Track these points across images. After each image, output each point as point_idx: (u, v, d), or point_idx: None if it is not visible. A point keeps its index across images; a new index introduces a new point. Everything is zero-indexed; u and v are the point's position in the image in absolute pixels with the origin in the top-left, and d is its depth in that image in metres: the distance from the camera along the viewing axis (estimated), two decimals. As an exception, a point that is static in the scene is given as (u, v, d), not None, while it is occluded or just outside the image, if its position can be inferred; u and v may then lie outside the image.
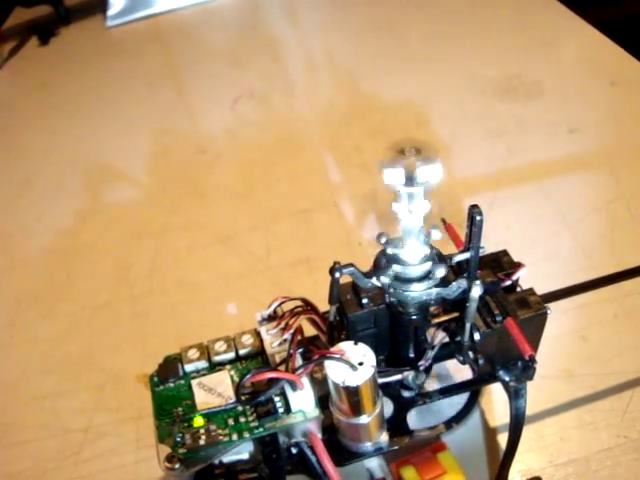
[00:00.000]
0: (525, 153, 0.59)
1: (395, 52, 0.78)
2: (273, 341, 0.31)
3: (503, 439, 0.37)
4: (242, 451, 0.32)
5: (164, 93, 0.78)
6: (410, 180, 0.24)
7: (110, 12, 0.95)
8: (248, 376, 0.28)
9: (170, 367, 0.32)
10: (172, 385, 0.32)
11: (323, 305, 0.32)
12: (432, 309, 0.32)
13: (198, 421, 0.30)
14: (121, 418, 0.42)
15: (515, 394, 0.32)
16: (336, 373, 0.27)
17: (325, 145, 0.65)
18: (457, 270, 0.30)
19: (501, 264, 0.32)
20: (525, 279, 0.32)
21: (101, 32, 0.95)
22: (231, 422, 0.30)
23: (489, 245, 0.30)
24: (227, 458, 0.32)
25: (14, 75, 0.89)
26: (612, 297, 0.44)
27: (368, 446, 0.31)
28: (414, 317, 0.30)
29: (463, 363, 0.31)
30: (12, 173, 0.69)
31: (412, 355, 0.32)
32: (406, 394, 0.32)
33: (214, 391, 0.31)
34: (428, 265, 0.28)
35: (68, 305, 0.51)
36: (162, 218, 0.58)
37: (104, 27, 0.95)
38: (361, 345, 0.28)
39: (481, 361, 0.31)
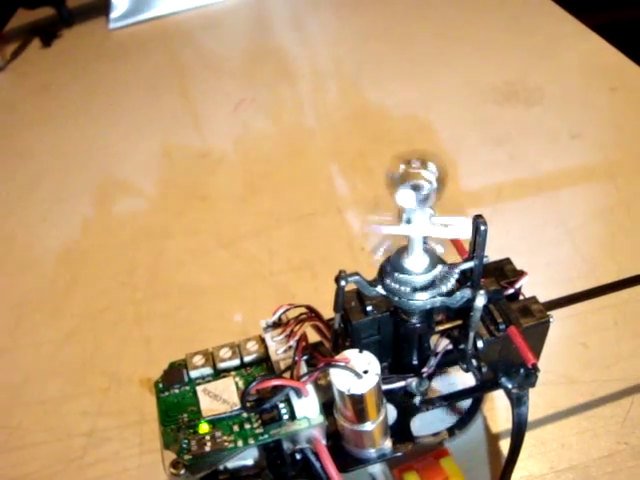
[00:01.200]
0: (526, 159, 0.59)
1: (397, 58, 0.78)
2: (278, 348, 0.31)
3: (505, 445, 0.37)
4: (246, 457, 0.32)
5: (167, 96, 0.78)
6: (424, 192, 0.24)
7: (113, 14, 0.96)
8: (254, 384, 0.28)
9: (175, 373, 0.32)
10: (177, 391, 0.32)
11: (326, 310, 0.32)
12: (435, 316, 0.32)
13: (203, 427, 0.30)
14: (124, 423, 0.42)
15: (517, 401, 0.32)
16: (341, 381, 0.27)
17: (328, 150, 0.65)
18: (461, 279, 0.30)
19: (504, 272, 0.33)
20: (526, 286, 0.32)
21: (104, 34, 0.95)
22: (236, 429, 0.30)
23: (490, 252, 0.30)
24: (231, 464, 0.32)
25: (16, 77, 0.90)
26: (612, 304, 0.44)
27: (372, 452, 0.31)
28: (418, 325, 0.30)
29: (466, 371, 0.32)
30: (15, 176, 0.69)
31: (415, 362, 0.33)
32: (409, 401, 0.33)
33: (219, 398, 0.31)
34: (433, 274, 0.28)
35: (72, 309, 0.52)
36: (165, 222, 0.59)
37: (107, 29, 0.96)
38: (366, 353, 0.28)
39: (484, 369, 0.31)
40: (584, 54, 0.73)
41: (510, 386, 0.32)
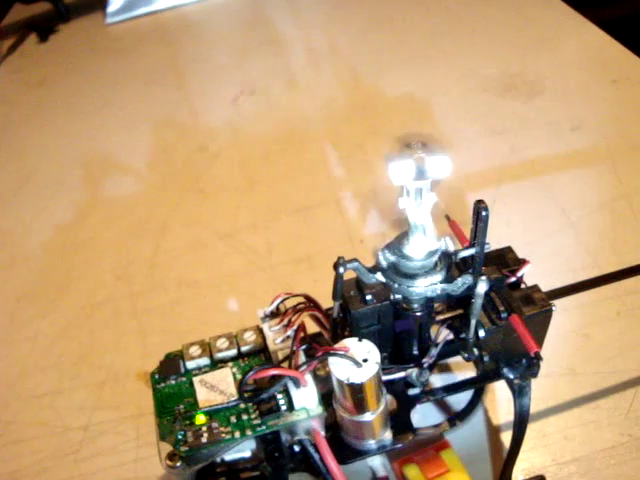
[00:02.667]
0: (527, 151, 0.59)
1: (397, 49, 0.77)
2: (276, 338, 0.31)
3: (507, 437, 0.37)
4: (244, 449, 0.32)
5: (164, 90, 0.77)
6: (419, 174, 0.24)
7: (110, 9, 0.95)
8: (251, 373, 0.28)
9: (171, 364, 0.32)
10: (173, 382, 0.31)
11: (324, 302, 0.32)
12: (436, 306, 0.31)
13: (200, 419, 0.29)
14: (121, 416, 0.42)
15: (519, 392, 0.32)
16: (340, 370, 0.27)
17: (327, 142, 0.64)
18: (462, 266, 0.30)
19: (506, 261, 0.32)
20: (528, 276, 0.32)
21: (101, 29, 0.94)
22: (233, 420, 0.29)
23: (492, 243, 0.30)
24: (229, 456, 0.32)
25: (13, 72, 0.89)
26: (615, 295, 0.44)
27: (372, 444, 0.30)
28: (418, 313, 0.30)
29: (468, 360, 0.31)
30: (11, 169, 0.68)
31: (416, 352, 0.32)
32: (410, 391, 0.32)
33: (216, 388, 0.30)
34: (433, 260, 0.27)
35: (68, 302, 0.51)
36: (162, 215, 0.58)
37: (104, 24, 0.95)
38: (365, 342, 0.28)
39: (486, 358, 0.30)
40: (585, 46, 0.72)
41: (512, 377, 0.32)
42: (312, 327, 0.33)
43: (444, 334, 0.32)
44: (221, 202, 0.59)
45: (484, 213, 0.26)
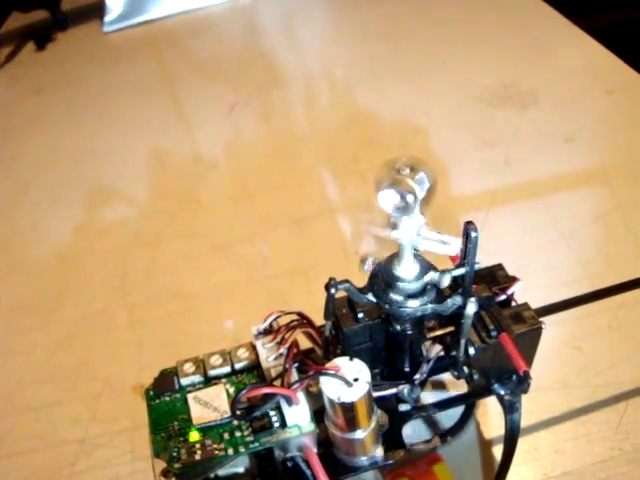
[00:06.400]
0: (521, 162, 0.59)
1: (391, 61, 0.78)
2: (269, 355, 0.31)
3: (498, 451, 0.37)
4: (237, 465, 0.32)
5: (160, 99, 0.78)
6: (407, 199, 0.24)
7: (107, 18, 0.95)
8: (244, 392, 0.28)
9: (166, 381, 0.32)
10: (168, 399, 0.31)
11: (320, 314, 0.32)
12: (427, 323, 0.32)
13: (194, 435, 0.30)
14: (116, 429, 0.42)
15: (510, 407, 0.32)
16: (331, 389, 0.27)
17: (321, 153, 0.65)
18: (452, 285, 0.30)
19: (496, 278, 0.32)
20: (521, 290, 0.32)
21: (98, 38, 0.95)
22: (227, 437, 0.30)
23: (484, 256, 0.30)
24: (222, 472, 0.32)
25: (10, 80, 0.89)
26: (606, 308, 0.44)
27: (363, 460, 0.31)
28: (410, 332, 0.30)
29: (458, 378, 0.32)
30: (8, 179, 0.69)
31: (407, 369, 0.32)
32: (401, 408, 0.32)
33: (210, 405, 0.31)
34: (423, 281, 0.28)
35: (64, 314, 0.51)
36: (157, 226, 0.58)
37: (101, 32, 0.95)
38: (356, 361, 0.28)
39: (476, 376, 0.31)
40: (579, 57, 0.73)
41: (502, 393, 0.32)
42: (305, 343, 0.33)
43: (435, 351, 0.32)
44: (216, 213, 0.59)
45: (474, 234, 0.27)
